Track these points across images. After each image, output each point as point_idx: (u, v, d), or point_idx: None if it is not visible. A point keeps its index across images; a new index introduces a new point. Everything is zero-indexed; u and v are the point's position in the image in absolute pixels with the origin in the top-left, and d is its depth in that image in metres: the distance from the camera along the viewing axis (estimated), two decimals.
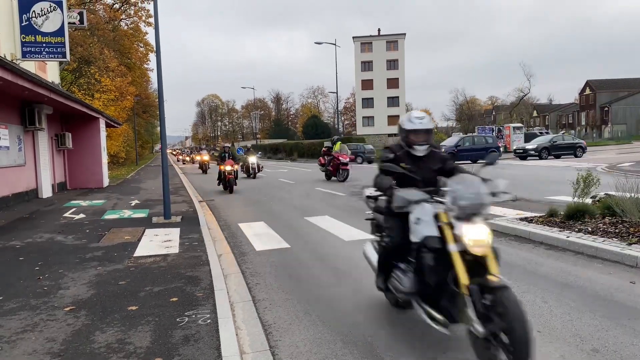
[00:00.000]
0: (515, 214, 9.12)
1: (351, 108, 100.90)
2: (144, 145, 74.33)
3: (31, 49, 14.56)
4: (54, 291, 5.25)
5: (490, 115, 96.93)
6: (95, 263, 6.51)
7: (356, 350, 3.72)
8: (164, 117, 10.85)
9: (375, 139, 73.67)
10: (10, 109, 13.34)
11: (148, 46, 42.69)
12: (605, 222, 7.14)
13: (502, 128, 43.90)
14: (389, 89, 76.99)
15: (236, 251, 7.40)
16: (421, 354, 3.63)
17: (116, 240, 8.17)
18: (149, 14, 38.17)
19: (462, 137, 32.34)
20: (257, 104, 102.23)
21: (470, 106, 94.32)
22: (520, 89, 77.79)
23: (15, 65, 9.92)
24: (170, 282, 5.50)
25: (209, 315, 4.38)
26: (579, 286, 5.04)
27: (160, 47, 10.51)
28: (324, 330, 4.15)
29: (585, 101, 79.71)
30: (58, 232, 8.99)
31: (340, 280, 5.62)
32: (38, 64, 16.65)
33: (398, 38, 77.02)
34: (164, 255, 6.87)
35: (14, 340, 3.92)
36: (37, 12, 14.47)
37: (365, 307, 4.66)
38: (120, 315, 4.45)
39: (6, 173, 12.70)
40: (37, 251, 7.37)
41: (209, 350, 3.64)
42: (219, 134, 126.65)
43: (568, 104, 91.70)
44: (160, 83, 10.59)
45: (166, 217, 10.21)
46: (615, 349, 3.57)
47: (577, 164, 22.73)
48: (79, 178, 19.41)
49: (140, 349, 3.67)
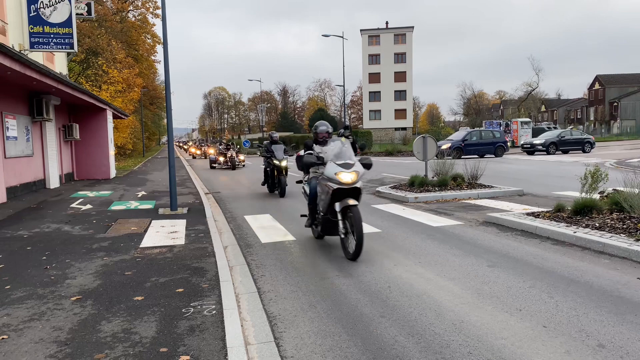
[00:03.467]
0: (522, 209, 9.08)
1: (358, 101, 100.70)
2: (150, 137, 74.56)
3: (39, 39, 14.60)
4: (61, 281, 5.29)
5: (498, 110, 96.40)
6: (102, 253, 6.55)
7: (361, 342, 3.73)
8: (170, 109, 10.85)
9: (382, 132, 73.55)
10: (19, 100, 13.41)
11: (155, 38, 42.72)
12: (613, 218, 7.09)
13: (509, 123, 43.60)
14: (396, 83, 76.66)
15: (242, 243, 7.42)
16: (426, 346, 3.63)
17: (123, 231, 8.21)
18: (156, 5, 38.20)
19: (470, 132, 32.11)
20: (263, 96, 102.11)
21: (477, 100, 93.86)
22: (528, 84, 77.13)
23: (23, 56, 9.95)
24: (176, 273, 5.53)
25: (214, 306, 4.39)
26: (586, 282, 5.01)
27: (167, 39, 10.49)
28: (328, 322, 4.16)
29: (594, 96, 79.04)
30: (65, 223, 9.04)
31: (345, 272, 5.62)
32: (46, 55, 16.71)
33: (406, 31, 76.59)
34: (170, 247, 6.90)
35: (21, 328, 3.95)
36: (45, 2, 14.49)
37: (370, 300, 4.66)
38: (126, 305, 4.47)
39: (14, 163, 12.78)
40: (44, 241, 7.42)
41: (214, 341, 3.65)
42: (225, 127, 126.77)
43: (577, 99, 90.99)
44: (167, 75, 10.59)
45: (172, 208, 10.24)
46: (622, 344, 3.55)
47: (585, 160, 22.59)
48: (86, 169, 19.53)
49: (146, 339, 3.69)
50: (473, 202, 10.65)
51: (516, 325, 3.95)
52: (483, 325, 3.99)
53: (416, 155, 12.86)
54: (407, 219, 8.96)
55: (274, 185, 13.67)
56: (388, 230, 7.97)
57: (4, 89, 12.10)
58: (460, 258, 6.13)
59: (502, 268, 5.60)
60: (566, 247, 6.42)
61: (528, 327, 3.92)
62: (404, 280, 5.25)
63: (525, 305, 4.40)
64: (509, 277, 5.24)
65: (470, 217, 8.92)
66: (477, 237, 7.30)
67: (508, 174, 17.12)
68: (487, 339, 3.71)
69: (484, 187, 12.18)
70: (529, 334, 3.79)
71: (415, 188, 12.00)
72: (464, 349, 3.56)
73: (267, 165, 14.06)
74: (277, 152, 13.58)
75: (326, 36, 46.21)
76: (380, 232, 7.82)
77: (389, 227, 8.23)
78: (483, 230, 7.75)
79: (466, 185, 12.26)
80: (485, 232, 7.64)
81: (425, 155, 12.67)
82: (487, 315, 4.20)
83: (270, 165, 13.76)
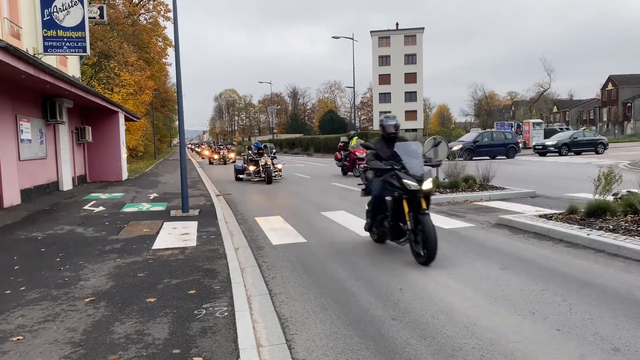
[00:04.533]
0: (534, 211, 9.01)
1: (368, 103, 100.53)
2: (162, 139, 75.03)
3: (53, 43, 14.79)
4: (75, 282, 5.34)
5: (509, 111, 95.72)
6: (115, 255, 6.60)
7: (372, 345, 3.72)
8: (182, 111, 10.92)
9: None
10: (32, 103, 13.57)
11: (167, 41, 43.09)
12: (627, 220, 7.01)
13: (521, 124, 43.23)
14: (406, 84, 76.53)
15: (253, 245, 7.44)
16: (438, 349, 3.61)
17: (135, 232, 8.27)
18: (167, 8, 38.56)
19: (481, 133, 31.87)
20: (274, 98, 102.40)
21: (489, 101, 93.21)
22: (540, 84, 76.32)
23: (37, 60, 10.07)
24: (188, 274, 5.56)
25: (226, 308, 4.41)
26: (600, 284, 4.96)
27: (179, 42, 10.57)
28: (340, 324, 4.16)
29: (607, 97, 78.22)
30: (78, 224, 9.13)
31: (357, 275, 5.62)
32: (59, 58, 16.91)
33: (416, 32, 76.43)
34: (182, 248, 6.94)
35: (36, 329, 3.99)
36: (58, 7, 14.68)
37: (382, 302, 4.65)
38: (139, 306, 4.50)
39: (28, 166, 12.93)
40: (58, 243, 7.50)
41: (226, 343, 3.67)
42: (235, 129, 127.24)
43: (589, 100, 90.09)
44: (179, 77, 10.66)
45: (184, 210, 10.30)
46: (637, 348, 3.51)
47: (598, 161, 22.36)
48: (99, 171, 19.70)
49: (159, 341, 3.72)
50: (485, 204, 10.58)
51: (529, 329, 3.92)
52: (496, 328, 3.96)
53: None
54: None
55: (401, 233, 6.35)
56: None
57: (18, 93, 12.26)
58: (472, 260, 6.10)
59: (515, 271, 5.56)
60: (579, 250, 6.36)
61: (541, 330, 3.89)
62: (416, 283, 5.23)
63: (538, 308, 4.36)
64: (521, 280, 5.20)
65: (482, 219, 8.87)
66: (489, 239, 7.26)
67: (520, 175, 17.00)
68: (499, 342, 3.69)
69: (495, 188, 12.10)
70: (542, 337, 3.76)
71: None
72: (477, 352, 3.54)
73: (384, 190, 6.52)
74: (410, 160, 6.18)
75: (336, 38, 46.23)
76: None
77: None
78: (495, 233, 7.70)
79: (478, 187, 12.20)
80: (497, 234, 7.59)
81: (436, 157, 12.62)
82: (500, 318, 4.17)
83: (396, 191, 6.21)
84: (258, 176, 18.72)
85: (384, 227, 6.57)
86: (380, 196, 6.45)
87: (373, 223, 6.87)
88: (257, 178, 18.74)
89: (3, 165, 11.05)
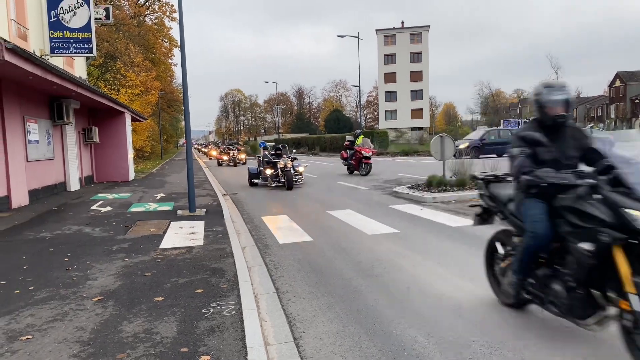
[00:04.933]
0: None
1: (374, 102, 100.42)
2: (168, 140, 75.26)
3: (59, 44, 14.85)
4: (83, 282, 5.36)
5: (516, 109, 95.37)
6: (122, 255, 6.63)
7: (380, 343, 3.71)
8: (188, 111, 10.94)
9: (398, 132, 73.21)
10: (40, 104, 13.65)
11: (172, 41, 43.17)
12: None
13: (528, 121, 43.03)
14: (412, 82, 76.28)
15: (260, 244, 7.45)
16: (447, 347, 3.60)
17: (142, 232, 8.30)
18: (173, 9, 38.63)
19: (488, 131, 31.76)
20: (279, 98, 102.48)
21: (495, 99, 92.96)
22: None
23: (44, 61, 10.13)
24: (195, 273, 5.57)
25: (233, 306, 4.41)
26: None
27: (184, 43, 10.58)
28: (348, 322, 4.15)
29: (615, 93, 77.66)
30: (86, 225, 9.17)
31: (364, 273, 5.61)
32: (66, 60, 16.99)
33: (422, 30, 76.19)
34: (189, 248, 6.95)
35: (45, 329, 4.01)
36: (64, 8, 14.75)
37: (389, 300, 4.64)
38: (147, 305, 4.52)
39: (36, 167, 13.01)
40: (66, 243, 7.54)
41: (234, 341, 3.67)
42: (241, 129, 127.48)
43: (597, 97, 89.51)
44: (185, 78, 10.67)
45: (191, 210, 10.32)
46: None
47: None
48: (106, 171, 19.80)
49: (167, 339, 3.73)
50: None
51: (538, 327, 3.90)
52: (504, 326, 3.94)
53: (434, 155, 12.79)
54: (425, 219, 8.90)
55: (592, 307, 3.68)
56: (406, 231, 7.92)
57: (25, 94, 12.33)
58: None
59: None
60: None
61: (550, 328, 3.86)
62: (423, 281, 5.22)
63: None
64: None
65: None
66: None
67: None
68: (508, 340, 3.67)
69: None
70: (551, 335, 3.74)
71: (433, 188, 11.91)
72: (485, 350, 3.52)
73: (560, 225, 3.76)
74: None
75: (341, 37, 46.14)
76: (398, 233, 7.78)
77: (407, 228, 8.18)
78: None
79: None
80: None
81: (443, 155, 12.59)
82: (508, 316, 4.15)
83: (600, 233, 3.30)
84: (276, 181, 15.90)
85: (556, 293, 3.52)
86: (547, 237, 3.58)
87: (523, 282, 3.87)
88: (275, 183, 15.94)
89: (11, 166, 11.12)
